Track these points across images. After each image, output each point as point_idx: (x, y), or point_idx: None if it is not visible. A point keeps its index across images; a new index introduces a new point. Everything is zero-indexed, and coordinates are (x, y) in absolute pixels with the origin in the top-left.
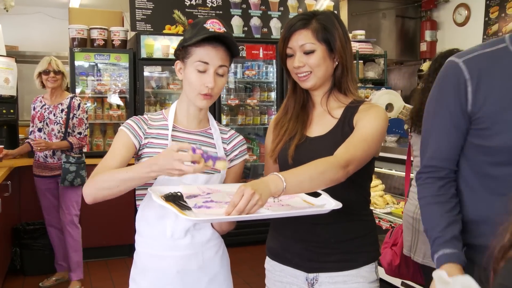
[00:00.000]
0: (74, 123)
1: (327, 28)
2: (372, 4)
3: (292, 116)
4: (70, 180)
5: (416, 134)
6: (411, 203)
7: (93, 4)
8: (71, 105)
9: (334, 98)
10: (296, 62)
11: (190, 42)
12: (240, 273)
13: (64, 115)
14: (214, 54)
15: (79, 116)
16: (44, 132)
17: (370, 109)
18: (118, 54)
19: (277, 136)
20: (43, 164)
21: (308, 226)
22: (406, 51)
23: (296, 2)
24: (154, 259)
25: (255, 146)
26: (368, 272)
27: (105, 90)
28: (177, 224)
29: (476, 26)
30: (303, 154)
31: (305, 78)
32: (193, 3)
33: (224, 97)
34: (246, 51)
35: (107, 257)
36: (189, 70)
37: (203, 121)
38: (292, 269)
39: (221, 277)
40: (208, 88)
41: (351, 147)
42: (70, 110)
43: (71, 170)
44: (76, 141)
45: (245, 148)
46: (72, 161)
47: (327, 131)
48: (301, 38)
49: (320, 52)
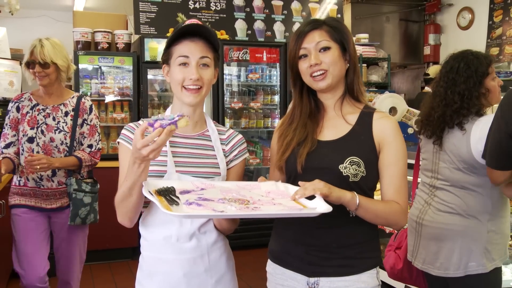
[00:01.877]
0: (84, 131)
1: (339, 29)
2: (375, 8)
3: (298, 125)
4: (83, 216)
5: (425, 137)
6: (416, 207)
7: (97, 8)
8: (79, 106)
9: (349, 103)
10: (313, 60)
11: (169, 42)
12: (243, 276)
13: (70, 119)
14: (193, 47)
15: (92, 123)
16: (38, 144)
17: (394, 133)
18: (122, 57)
19: (281, 146)
20: (34, 190)
21: (309, 229)
22: (409, 55)
23: (300, 5)
24: (160, 263)
25: (258, 149)
26: (369, 278)
27: (109, 92)
28: (182, 229)
29: (480, 29)
30: (314, 157)
31: (321, 78)
32: (196, 6)
33: (228, 100)
34: (250, 54)
35: (110, 260)
36: (172, 68)
37: (199, 123)
38: (293, 272)
39: (227, 278)
40: (192, 80)
41: (402, 192)
42: (77, 114)
43: (85, 203)
44: (87, 158)
45: (244, 147)
46: (87, 189)
47: (341, 136)
48: (316, 37)
49: (335, 50)
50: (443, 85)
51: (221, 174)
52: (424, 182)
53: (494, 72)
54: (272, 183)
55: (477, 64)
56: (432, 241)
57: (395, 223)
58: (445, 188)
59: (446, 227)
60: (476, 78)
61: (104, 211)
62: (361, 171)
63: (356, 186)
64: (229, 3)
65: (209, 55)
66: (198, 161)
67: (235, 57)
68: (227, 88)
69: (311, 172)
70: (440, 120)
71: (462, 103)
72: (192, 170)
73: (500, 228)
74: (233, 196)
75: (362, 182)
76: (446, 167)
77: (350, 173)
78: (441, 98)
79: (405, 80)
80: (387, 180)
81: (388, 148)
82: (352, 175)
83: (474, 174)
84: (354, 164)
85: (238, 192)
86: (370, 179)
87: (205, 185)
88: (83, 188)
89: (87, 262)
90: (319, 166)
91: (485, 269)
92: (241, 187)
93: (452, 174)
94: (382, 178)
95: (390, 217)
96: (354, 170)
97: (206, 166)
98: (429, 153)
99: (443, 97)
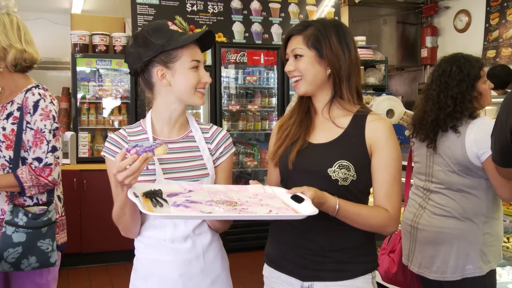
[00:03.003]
0: (29, 139)
1: (318, 36)
2: (373, 11)
3: (295, 120)
4: (13, 260)
5: (418, 140)
6: (410, 211)
7: (95, 10)
8: (23, 103)
9: (338, 106)
10: (287, 67)
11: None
12: (241, 278)
13: (11, 123)
14: (199, 52)
15: (36, 126)
16: None
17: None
18: (119, 59)
19: (279, 139)
20: None
21: (303, 232)
22: (407, 57)
23: (297, 8)
24: (156, 264)
25: (256, 151)
26: (364, 283)
27: (107, 95)
28: (177, 231)
29: (476, 32)
30: (304, 160)
31: (297, 84)
32: (194, 9)
33: (225, 103)
34: (247, 56)
35: (107, 263)
36: (182, 72)
37: (184, 125)
38: (287, 276)
39: (223, 278)
40: (206, 84)
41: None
42: (22, 114)
43: (15, 241)
44: (27, 177)
45: (230, 142)
46: (20, 223)
47: (332, 139)
48: (293, 44)
49: (307, 57)
50: (436, 88)
51: (210, 174)
52: (418, 185)
53: (485, 75)
54: (260, 186)
55: (469, 68)
56: (428, 245)
57: (378, 229)
58: (440, 192)
59: (442, 231)
60: (469, 81)
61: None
62: (351, 175)
63: (345, 190)
64: (227, 5)
65: None
66: (185, 165)
67: (232, 59)
68: (225, 91)
69: (301, 174)
70: (433, 124)
71: (455, 107)
72: (180, 176)
73: (495, 230)
74: (220, 198)
75: (352, 186)
76: (441, 170)
77: (339, 177)
78: (434, 102)
79: (402, 82)
80: (377, 185)
81: (379, 152)
82: (341, 179)
83: (469, 176)
84: (343, 168)
85: (226, 194)
86: (362, 182)
87: (192, 186)
88: (16, 221)
89: (84, 265)
90: (309, 169)
91: (481, 272)
92: (229, 189)
93: (447, 177)
94: (373, 182)
95: (372, 223)
96: (343, 174)
97: (194, 169)
98: (422, 157)
99: (436, 101)
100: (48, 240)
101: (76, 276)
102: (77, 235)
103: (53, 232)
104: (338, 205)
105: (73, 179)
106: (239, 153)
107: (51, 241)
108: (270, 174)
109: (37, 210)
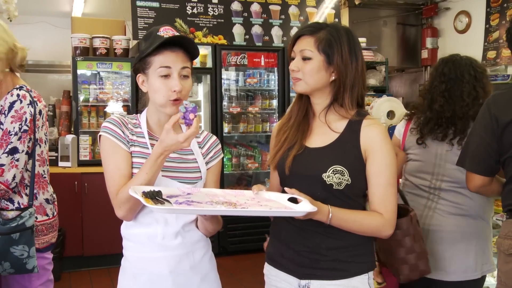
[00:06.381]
0: None
1: (331, 41)
2: (373, 12)
3: (294, 123)
4: None
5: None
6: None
7: (95, 13)
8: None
9: (334, 113)
10: (292, 65)
11: (148, 51)
12: (242, 280)
13: None
14: (174, 57)
15: (5, 127)
16: None
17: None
18: (120, 62)
19: (278, 143)
20: None
21: (300, 231)
22: (407, 58)
23: (297, 10)
24: (145, 261)
25: (257, 154)
26: (360, 283)
27: (107, 98)
28: (168, 228)
29: (477, 33)
30: (300, 165)
31: (296, 82)
32: (194, 11)
33: (226, 105)
34: (248, 59)
35: (109, 266)
36: (152, 79)
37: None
38: (285, 274)
39: (211, 277)
40: (175, 93)
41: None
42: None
43: None
44: None
45: (219, 148)
46: None
47: (327, 143)
48: (303, 44)
49: (316, 61)
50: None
51: (202, 178)
52: (420, 185)
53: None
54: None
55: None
56: (443, 245)
57: (373, 234)
58: (455, 190)
59: (460, 230)
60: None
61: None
62: (346, 179)
63: (340, 194)
64: (227, 8)
65: (188, 65)
66: (182, 166)
67: (233, 62)
68: (225, 93)
69: (297, 179)
70: (449, 122)
71: (467, 105)
72: (177, 175)
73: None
74: (219, 200)
75: (347, 190)
76: (456, 168)
77: (333, 182)
78: (445, 100)
79: (403, 83)
80: (372, 190)
81: (374, 157)
82: (336, 183)
83: None
84: (337, 172)
85: (224, 197)
86: (358, 186)
87: (191, 190)
88: None
89: (86, 268)
90: (304, 173)
91: (494, 269)
92: (226, 193)
93: (464, 175)
94: (369, 187)
95: (366, 229)
96: (337, 178)
97: (190, 171)
98: (429, 155)
99: (447, 100)
100: (22, 247)
101: (78, 279)
102: (78, 238)
103: (29, 239)
104: (331, 213)
105: (74, 182)
106: (240, 155)
107: (26, 247)
108: (272, 176)
109: (10, 215)
